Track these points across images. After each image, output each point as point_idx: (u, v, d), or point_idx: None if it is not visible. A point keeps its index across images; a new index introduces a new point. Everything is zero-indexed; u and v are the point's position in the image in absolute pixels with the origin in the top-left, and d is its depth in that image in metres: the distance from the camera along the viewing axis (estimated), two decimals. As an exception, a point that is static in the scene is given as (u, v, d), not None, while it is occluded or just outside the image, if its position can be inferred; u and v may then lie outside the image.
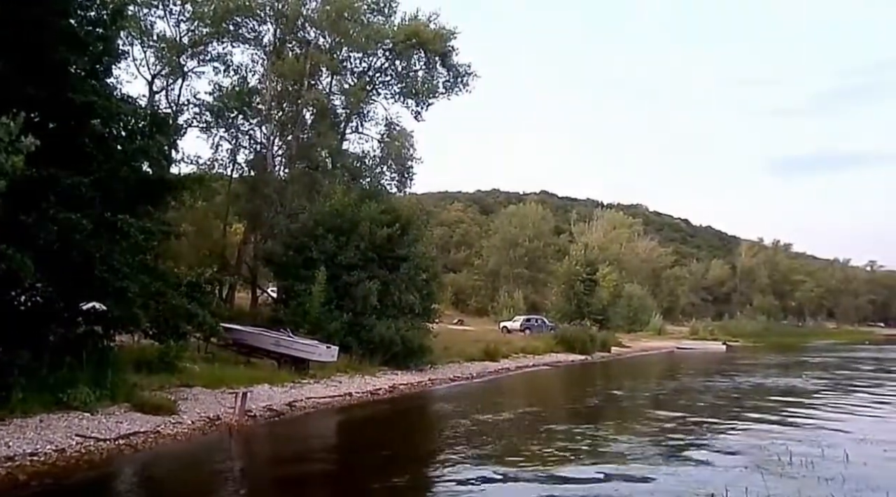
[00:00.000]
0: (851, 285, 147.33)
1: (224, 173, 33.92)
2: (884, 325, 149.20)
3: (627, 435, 17.50)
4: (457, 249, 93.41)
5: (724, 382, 32.39)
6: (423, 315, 30.05)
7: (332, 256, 27.23)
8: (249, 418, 16.49)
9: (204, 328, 19.21)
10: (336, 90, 35.99)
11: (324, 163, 34.41)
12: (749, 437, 17.04)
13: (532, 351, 41.79)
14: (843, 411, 22.26)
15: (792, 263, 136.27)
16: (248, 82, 33.27)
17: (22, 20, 13.51)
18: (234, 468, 13.65)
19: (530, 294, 72.79)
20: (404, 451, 15.86)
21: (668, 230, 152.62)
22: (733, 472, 12.67)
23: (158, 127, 17.29)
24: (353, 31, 33.56)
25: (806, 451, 14.36)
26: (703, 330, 79.23)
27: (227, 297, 31.70)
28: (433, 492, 11.95)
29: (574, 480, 12.11)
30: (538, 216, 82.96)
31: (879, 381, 33.87)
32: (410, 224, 30.24)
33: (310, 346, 23.17)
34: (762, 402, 24.76)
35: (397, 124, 36.14)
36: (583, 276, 63.07)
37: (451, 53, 35.12)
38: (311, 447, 15.95)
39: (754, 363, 46.40)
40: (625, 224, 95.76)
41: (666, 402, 25.57)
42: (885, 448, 15.10)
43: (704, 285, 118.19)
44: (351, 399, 21.30)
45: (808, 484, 11.51)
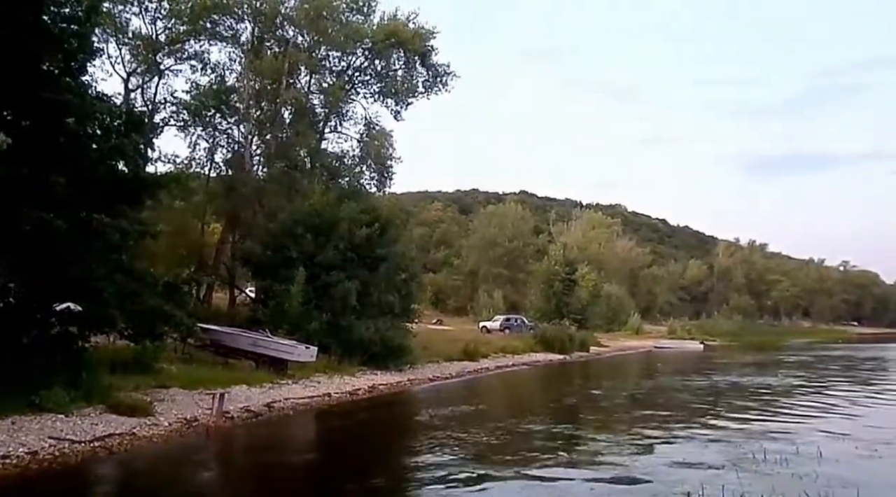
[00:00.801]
0: (826, 285, 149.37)
1: (201, 172, 33.69)
2: (857, 324, 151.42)
3: (605, 434, 17.56)
4: (436, 249, 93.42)
5: (700, 381, 32.66)
6: (403, 315, 30.02)
7: (310, 256, 27.10)
8: (227, 420, 16.36)
9: (181, 329, 18.99)
10: (315, 89, 35.85)
11: (302, 162, 34.24)
12: (725, 435, 17.16)
13: (511, 350, 41.89)
14: (817, 409, 22.49)
15: (768, 263, 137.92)
16: (226, 81, 33.03)
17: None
18: (211, 470, 13.53)
19: (510, 294, 72.95)
20: (383, 451, 15.85)
21: (646, 230, 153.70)
22: (709, 469, 12.75)
23: (134, 125, 17.08)
24: (332, 29, 33.41)
25: (780, 448, 14.48)
26: (681, 329, 79.92)
27: (204, 298, 31.47)
28: (412, 492, 11.93)
29: (552, 479, 12.13)
30: (517, 216, 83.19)
31: (853, 380, 34.32)
32: (390, 224, 30.20)
33: (288, 347, 23.05)
34: (738, 401, 24.97)
35: (377, 124, 36.10)
36: (562, 276, 63.30)
37: (430, 53, 35.08)
38: (289, 448, 15.87)
39: (731, 362, 46.84)
40: (603, 224, 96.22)
41: (643, 401, 25.71)
42: (857, 445, 15.26)
43: (682, 285, 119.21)
44: (330, 400, 21.20)
45: (781, 481, 11.61)
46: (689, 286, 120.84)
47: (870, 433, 16.81)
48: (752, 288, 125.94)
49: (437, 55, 35.30)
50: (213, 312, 28.94)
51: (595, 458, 14.27)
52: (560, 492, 11.36)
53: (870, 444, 15.27)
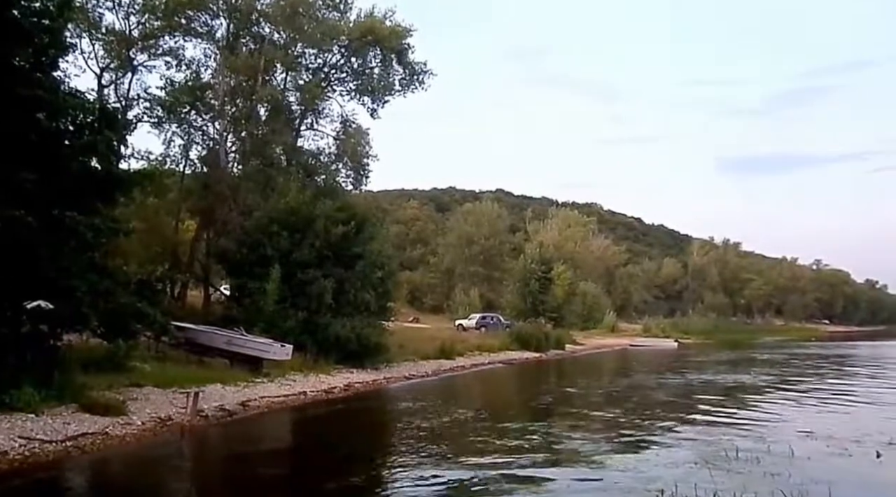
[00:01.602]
0: (798, 283, 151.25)
1: (176, 169, 33.35)
2: (829, 322, 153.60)
3: (580, 432, 17.62)
4: (412, 247, 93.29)
5: (675, 379, 32.94)
6: (379, 313, 29.96)
7: (286, 254, 26.98)
8: (202, 418, 16.25)
9: (154, 327, 18.86)
10: (291, 86, 35.61)
11: (278, 159, 34.05)
12: (698, 433, 17.34)
13: (487, 349, 42.00)
14: (789, 407, 22.79)
15: (741, 262, 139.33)
16: (201, 77, 32.76)
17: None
18: (185, 469, 13.44)
19: (486, 292, 73.01)
20: (359, 450, 15.79)
21: (621, 229, 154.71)
22: (683, 467, 12.87)
23: (107, 122, 16.93)
24: (308, 26, 33.25)
25: (753, 446, 14.64)
26: (656, 327, 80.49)
27: (178, 296, 31.18)
28: (388, 491, 11.89)
29: (527, 478, 12.20)
30: (494, 214, 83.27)
31: (824, 378, 34.76)
32: (366, 222, 30.14)
33: (264, 345, 22.94)
34: (711, 399, 25.20)
35: (353, 121, 35.98)
36: (538, 275, 63.49)
37: (407, 51, 35.02)
38: (264, 447, 15.78)
39: (705, 360, 47.27)
40: (579, 223, 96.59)
41: (618, 399, 25.87)
42: (827, 443, 15.45)
43: (657, 283, 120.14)
44: (305, 398, 21.13)
45: (753, 479, 11.74)
46: (663, 284, 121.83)
47: (841, 431, 17.00)
48: (726, 286, 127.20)
49: (413, 53, 35.31)
50: (187, 310, 28.73)
51: (570, 456, 14.37)
52: (535, 489, 11.42)
53: (840, 443, 15.46)
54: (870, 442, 15.53)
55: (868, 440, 15.76)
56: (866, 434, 16.55)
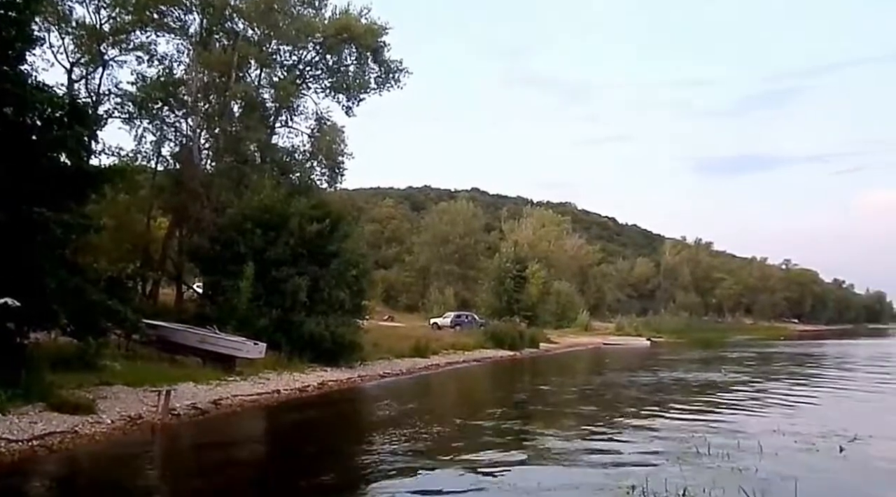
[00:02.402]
0: (768, 283, 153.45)
1: (148, 166, 32.93)
2: (797, 321, 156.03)
3: (553, 429, 17.69)
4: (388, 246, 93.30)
5: (647, 377, 33.18)
6: (354, 311, 29.84)
7: (260, 252, 26.80)
8: (173, 417, 16.11)
9: (125, 325, 18.65)
10: (265, 83, 35.32)
11: (252, 157, 33.76)
12: (669, 429, 17.44)
13: (462, 347, 42.05)
14: (758, 404, 23.02)
15: (713, 261, 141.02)
16: (174, 73, 32.36)
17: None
18: (156, 468, 13.29)
19: (461, 291, 73.15)
20: (333, 448, 15.75)
21: (595, 228, 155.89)
22: (653, 463, 12.94)
23: (77, 117, 16.64)
24: (283, 23, 33.04)
25: (723, 442, 14.77)
26: (629, 326, 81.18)
27: (150, 293, 30.85)
28: (362, 488, 11.86)
29: (500, 474, 12.21)
30: (469, 213, 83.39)
31: (792, 375, 35.23)
32: (341, 220, 30.02)
33: (237, 343, 22.75)
34: (683, 396, 25.46)
35: (328, 119, 35.79)
36: (512, 273, 63.70)
37: (382, 49, 34.92)
38: (237, 445, 15.64)
39: (676, 358, 47.67)
40: (554, 222, 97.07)
41: (591, 396, 26.02)
42: (795, 439, 15.64)
43: (630, 282, 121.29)
44: (279, 396, 21.02)
45: (723, 474, 11.84)
46: (636, 284, 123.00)
47: (808, 427, 17.21)
48: (698, 286, 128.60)
49: (389, 51, 35.21)
50: (159, 308, 28.42)
51: (543, 453, 14.42)
52: (508, 486, 11.42)
53: (807, 438, 15.65)
54: (834, 437, 15.75)
55: (833, 436, 15.98)
56: (831, 430, 16.76)
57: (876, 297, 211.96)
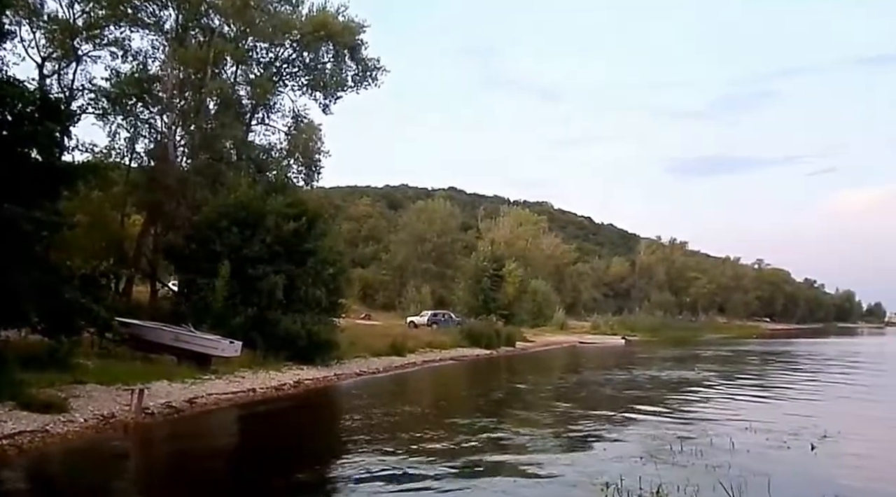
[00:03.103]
0: (741, 282, 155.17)
1: (122, 162, 32.51)
2: (769, 320, 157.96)
3: (529, 428, 17.77)
4: (364, 244, 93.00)
5: (622, 375, 33.43)
6: (330, 310, 29.74)
7: (236, 250, 26.61)
8: (147, 416, 15.97)
9: (98, 323, 18.44)
10: (241, 80, 35.03)
11: (228, 154, 33.46)
12: (644, 427, 17.62)
13: (438, 345, 42.06)
14: (730, 402, 23.31)
15: (687, 261, 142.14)
16: (149, 69, 31.99)
17: None
18: (129, 466, 13.18)
19: (438, 289, 73.08)
20: (308, 446, 15.72)
21: (572, 228, 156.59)
22: (628, 461, 13.06)
23: (49, 112, 16.46)
24: (259, 20, 32.78)
25: (696, 440, 14.97)
26: (604, 325, 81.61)
27: (124, 291, 30.48)
28: (337, 487, 11.86)
29: (475, 473, 12.28)
30: (446, 212, 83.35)
31: (764, 373, 35.74)
32: (318, 218, 29.92)
33: (212, 342, 22.61)
34: (657, 394, 25.66)
35: (305, 117, 35.62)
36: (489, 272, 63.86)
37: (360, 47, 34.80)
38: (212, 444, 15.59)
39: (651, 357, 48.07)
40: (531, 221, 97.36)
41: (567, 395, 26.16)
42: (766, 437, 15.85)
43: (606, 281, 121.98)
44: (254, 395, 20.91)
45: (696, 472, 11.99)
46: (612, 283, 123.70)
47: (779, 425, 17.44)
48: (672, 285, 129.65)
49: (366, 49, 35.10)
50: (133, 306, 28.10)
51: (519, 451, 14.48)
52: (484, 484, 11.49)
53: (779, 436, 15.87)
54: (806, 435, 15.98)
55: (804, 433, 16.21)
56: (802, 427, 17.01)
57: (845, 296, 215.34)
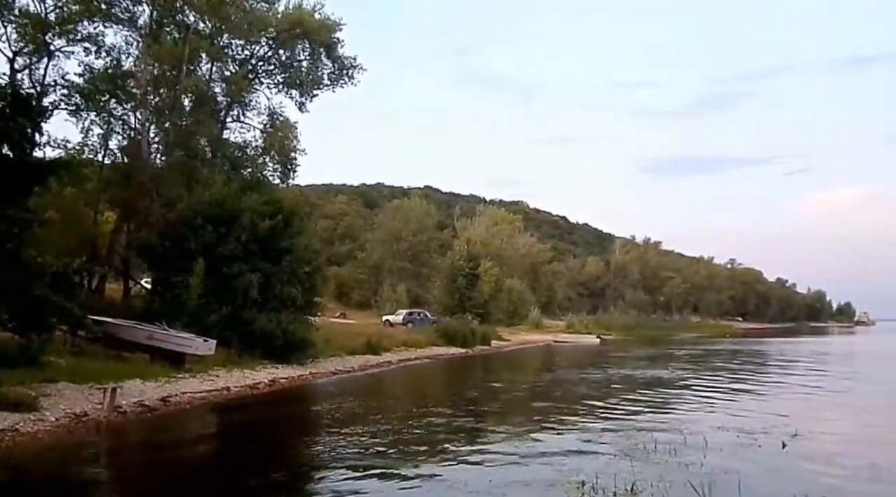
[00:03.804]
0: (714, 282, 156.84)
1: (95, 159, 32.13)
2: (742, 319, 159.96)
3: (504, 426, 17.86)
4: (340, 242, 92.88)
5: (596, 374, 33.64)
6: (306, 308, 29.68)
7: (211, 248, 26.45)
8: (119, 414, 15.87)
9: (70, 321, 18.27)
10: (216, 77, 34.80)
11: (203, 151, 33.24)
12: (618, 425, 17.70)
13: (414, 344, 42.10)
14: (703, 400, 23.49)
15: (661, 260, 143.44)
16: (122, 65, 31.64)
17: None
18: (101, 466, 13.07)
19: (413, 288, 73.14)
20: (283, 445, 15.71)
21: (547, 227, 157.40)
22: (603, 459, 13.14)
23: (20, 108, 16.28)
24: (235, 16, 32.57)
25: (670, 438, 15.03)
26: (579, 324, 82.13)
27: (96, 289, 30.18)
28: (312, 486, 11.84)
29: (451, 471, 12.27)
30: (422, 211, 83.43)
31: (737, 372, 36.10)
32: (293, 216, 29.81)
33: (186, 340, 22.47)
34: (631, 393, 25.81)
35: (280, 114, 35.50)
36: (465, 271, 64.00)
37: (336, 45, 34.77)
38: (185, 443, 15.46)
39: (625, 356, 48.38)
40: (506, 220, 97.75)
41: (542, 393, 26.32)
42: (738, 435, 15.98)
43: (580, 280, 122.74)
44: (229, 393, 20.82)
45: (670, 469, 12.09)
46: (587, 282, 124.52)
47: (751, 423, 17.58)
48: (647, 284, 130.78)
49: (343, 47, 35.08)
50: (106, 304, 27.83)
51: (494, 450, 14.47)
52: (459, 483, 11.47)
53: (751, 434, 15.98)
54: (777, 433, 16.12)
55: (775, 431, 16.36)
56: (774, 426, 17.18)
57: (816, 296, 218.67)
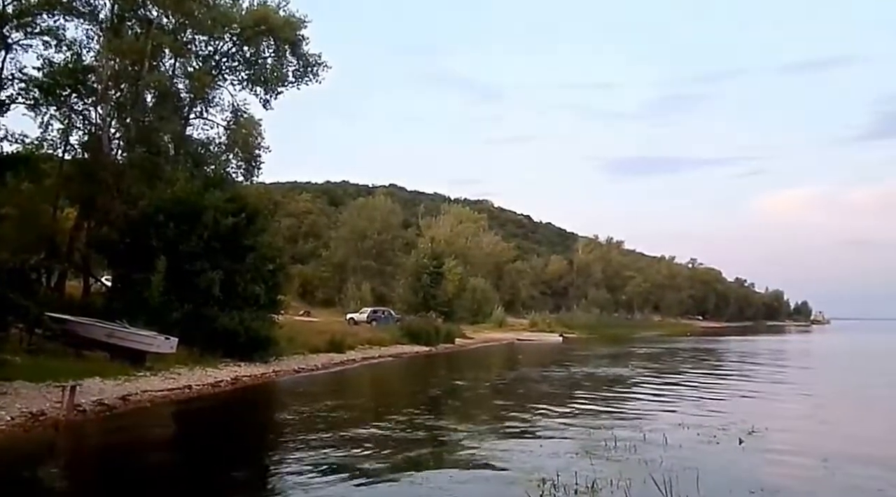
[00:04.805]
0: (675, 281, 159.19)
1: (54, 154, 31.59)
2: (702, 318, 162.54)
3: (466, 424, 17.94)
4: (305, 241, 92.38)
5: (559, 372, 33.97)
6: (269, 306, 29.53)
7: (173, 245, 26.21)
8: (79, 413, 15.70)
9: (28, 318, 18.03)
10: (180, 73, 34.36)
11: (166, 148, 32.83)
12: (580, 423, 17.91)
13: (378, 342, 42.17)
14: (663, 398, 23.84)
15: (623, 260, 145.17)
16: (83, 59, 31.11)
17: None
18: (58, 465, 12.95)
19: (378, 286, 73.14)
20: (245, 443, 15.68)
21: (511, 226, 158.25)
22: (564, 457, 13.30)
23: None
24: (199, 12, 32.20)
25: (630, 435, 15.25)
26: (542, 322, 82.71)
27: (55, 286, 29.71)
28: (275, 484, 11.84)
29: (413, 469, 12.36)
30: (387, 209, 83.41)
31: (697, 370, 36.74)
32: (257, 213, 29.65)
33: (147, 338, 22.24)
34: (592, 391, 26.18)
35: (245, 111, 35.17)
36: (429, 270, 64.14)
37: (301, 42, 34.57)
38: (146, 442, 15.36)
39: (587, 354, 48.87)
40: (470, 219, 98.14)
41: (504, 391, 26.55)
42: (697, 432, 16.30)
43: (544, 279, 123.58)
44: (191, 392, 20.70)
45: (630, 466, 12.28)
46: (550, 281, 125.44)
47: (710, 420, 17.94)
48: (609, 283, 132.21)
49: (308, 45, 34.87)
50: (65, 301, 27.41)
51: (456, 448, 14.62)
52: (420, 481, 11.57)
53: (709, 431, 16.29)
54: (734, 430, 16.41)
55: (733, 428, 16.65)
56: (732, 423, 17.48)
57: (774, 295, 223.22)
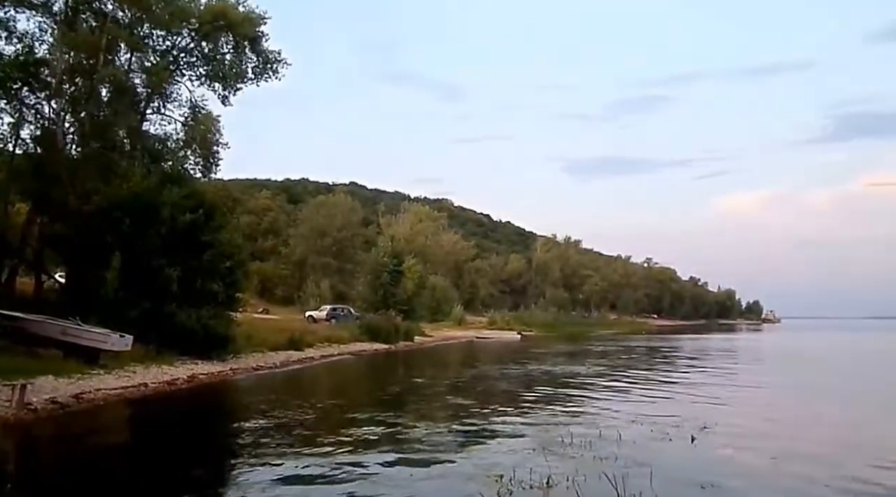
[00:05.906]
0: (631, 280, 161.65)
1: (5, 149, 30.97)
2: (657, 316, 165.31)
3: (425, 422, 18.06)
4: (264, 238, 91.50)
5: (517, 370, 34.31)
6: (227, 303, 29.40)
7: (129, 241, 25.93)
8: (30, 412, 15.52)
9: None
10: (136, 68, 33.76)
11: (121, 143, 32.32)
12: (536, 420, 18.21)
13: (337, 340, 42.19)
14: (618, 395, 24.23)
15: (581, 259, 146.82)
16: (35, 52, 30.51)
17: None
18: (7, 466, 12.76)
19: (337, 284, 72.94)
20: (201, 442, 15.61)
21: (470, 224, 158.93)
22: (521, 453, 13.51)
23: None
24: (156, 6, 31.71)
25: (585, 432, 15.51)
26: (501, 320, 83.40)
27: (7, 283, 29.12)
28: (231, 482, 11.83)
29: (372, 466, 12.42)
30: (347, 207, 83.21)
31: (650, 368, 37.39)
32: (215, 210, 29.46)
33: (101, 336, 21.98)
34: (549, 388, 26.46)
35: (203, 107, 34.73)
36: (389, 268, 64.16)
37: (260, 39, 34.29)
38: (99, 441, 15.19)
39: (545, 352, 49.36)
40: (430, 218, 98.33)
41: (463, 389, 26.73)
42: (651, 428, 16.60)
43: (503, 278, 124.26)
44: (146, 390, 20.54)
45: (585, 463, 12.51)
46: (509, 279, 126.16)
47: (663, 418, 18.16)
48: (567, 282, 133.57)
49: (267, 41, 34.59)
50: (17, 298, 26.91)
51: (415, 445, 14.70)
52: (380, 478, 11.61)
53: (662, 428, 16.58)
54: (687, 427, 16.69)
55: (686, 425, 16.94)
56: (684, 420, 17.77)
57: (727, 294, 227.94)
